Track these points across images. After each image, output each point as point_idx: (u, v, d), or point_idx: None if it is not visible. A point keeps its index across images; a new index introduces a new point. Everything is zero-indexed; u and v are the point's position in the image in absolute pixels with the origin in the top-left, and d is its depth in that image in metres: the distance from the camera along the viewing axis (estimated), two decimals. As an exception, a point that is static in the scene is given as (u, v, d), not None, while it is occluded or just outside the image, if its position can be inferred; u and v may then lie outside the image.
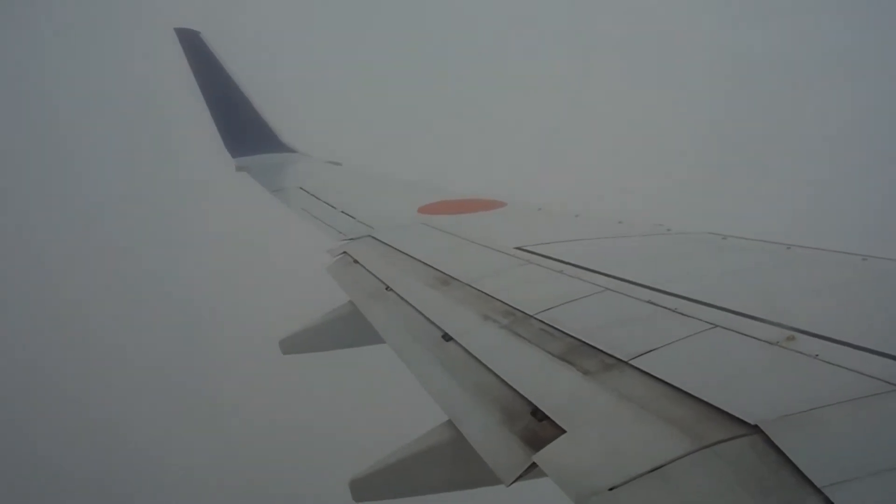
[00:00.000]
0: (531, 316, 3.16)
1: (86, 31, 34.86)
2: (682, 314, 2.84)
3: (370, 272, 4.64)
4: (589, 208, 5.46)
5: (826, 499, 1.55)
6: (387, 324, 3.76)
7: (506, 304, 3.40)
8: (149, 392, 19.40)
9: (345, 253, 5.30)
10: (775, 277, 3.45)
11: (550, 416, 2.29)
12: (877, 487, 1.58)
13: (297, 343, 4.81)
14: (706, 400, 2.09)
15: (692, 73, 40.00)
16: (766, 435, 1.83)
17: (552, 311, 3.16)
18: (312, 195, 7.76)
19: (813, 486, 1.60)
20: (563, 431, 2.19)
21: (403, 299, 3.90)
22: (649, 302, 3.05)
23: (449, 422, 2.67)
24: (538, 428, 2.29)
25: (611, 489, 1.82)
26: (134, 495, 16.81)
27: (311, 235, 6.49)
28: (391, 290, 4.14)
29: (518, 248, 4.32)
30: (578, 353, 2.70)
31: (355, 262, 5.01)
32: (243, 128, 10.41)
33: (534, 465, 2.12)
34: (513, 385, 2.59)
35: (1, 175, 27.00)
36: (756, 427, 1.88)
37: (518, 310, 3.28)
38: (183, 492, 16.73)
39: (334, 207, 7.00)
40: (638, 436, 2.07)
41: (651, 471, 1.84)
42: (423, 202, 6.54)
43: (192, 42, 10.13)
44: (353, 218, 6.40)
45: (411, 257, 4.70)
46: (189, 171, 22.91)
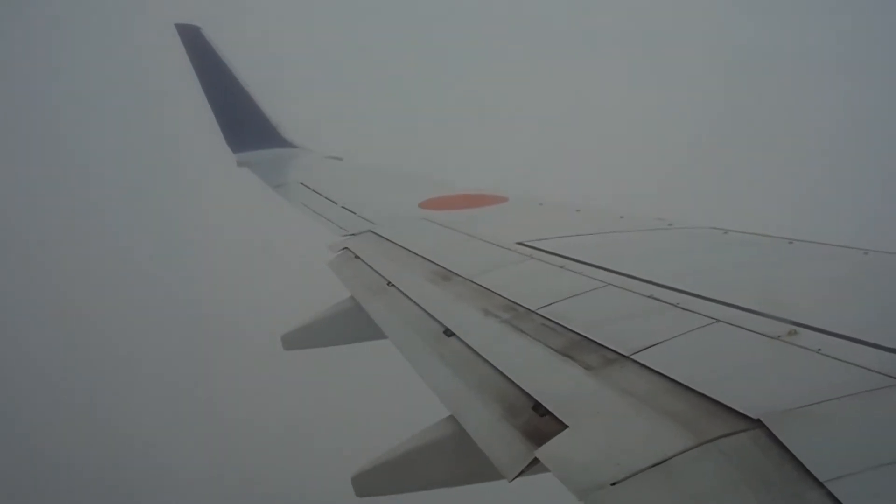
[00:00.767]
0: (533, 311, 3.16)
1: (87, 28, 34.92)
2: (683, 309, 2.83)
3: (371, 267, 4.64)
4: (590, 203, 5.45)
5: (828, 493, 1.55)
6: (388, 319, 3.77)
7: (507, 299, 3.40)
8: (151, 388, 19.47)
9: (346, 248, 5.30)
10: (777, 272, 3.45)
11: (552, 411, 2.29)
12: (879, 481, 1.58)
13: (299, 338, 4.83)
14: (708, 394, 2.09)
15: (694, 67, 39.96)
16: (769, 429, 1.83)
17: (554, 306, 3.16)
18: (313, 190, 7.76)
19: (815, 480, 1.60)
20: (565, 426, 2.19)
21: (405, 294, 3.90)
22: (651, 297, 3.04)
23: (451, 417, 2.67)
24: (540, 423, 2.29)
25: (613, 484, 1.82)
26: (135, 491, 16.86)
27: (313, 231, 6.50)
28: (392, 285, 4.14)
29: (519, 243, 4.31)
30: (580, 348, 2.69)
31: (356, 257, 5.02)
32: (244, 123, 10.40)
33: (536, 461, 2.12)
34: (514, 380, 2.59)
35: (2, 170, 27.07)
36: (758, 421, 1.88)
37: (519, 305, 3.28)
38: (185, 487, 16.77)
39: (335, 203, 7.00)
40: (640, 431, 2.07)
41: (653, 466, 1.84)
42: (424, 197, 6.53)
43: (193, 38, 10.11)
44: (355, 213, 6.39)
45: (412, 252, 4.70)
46: (190, 166, 22.94)
